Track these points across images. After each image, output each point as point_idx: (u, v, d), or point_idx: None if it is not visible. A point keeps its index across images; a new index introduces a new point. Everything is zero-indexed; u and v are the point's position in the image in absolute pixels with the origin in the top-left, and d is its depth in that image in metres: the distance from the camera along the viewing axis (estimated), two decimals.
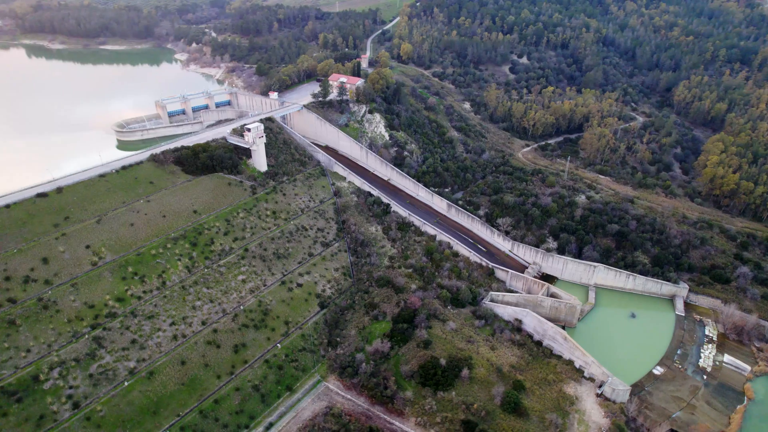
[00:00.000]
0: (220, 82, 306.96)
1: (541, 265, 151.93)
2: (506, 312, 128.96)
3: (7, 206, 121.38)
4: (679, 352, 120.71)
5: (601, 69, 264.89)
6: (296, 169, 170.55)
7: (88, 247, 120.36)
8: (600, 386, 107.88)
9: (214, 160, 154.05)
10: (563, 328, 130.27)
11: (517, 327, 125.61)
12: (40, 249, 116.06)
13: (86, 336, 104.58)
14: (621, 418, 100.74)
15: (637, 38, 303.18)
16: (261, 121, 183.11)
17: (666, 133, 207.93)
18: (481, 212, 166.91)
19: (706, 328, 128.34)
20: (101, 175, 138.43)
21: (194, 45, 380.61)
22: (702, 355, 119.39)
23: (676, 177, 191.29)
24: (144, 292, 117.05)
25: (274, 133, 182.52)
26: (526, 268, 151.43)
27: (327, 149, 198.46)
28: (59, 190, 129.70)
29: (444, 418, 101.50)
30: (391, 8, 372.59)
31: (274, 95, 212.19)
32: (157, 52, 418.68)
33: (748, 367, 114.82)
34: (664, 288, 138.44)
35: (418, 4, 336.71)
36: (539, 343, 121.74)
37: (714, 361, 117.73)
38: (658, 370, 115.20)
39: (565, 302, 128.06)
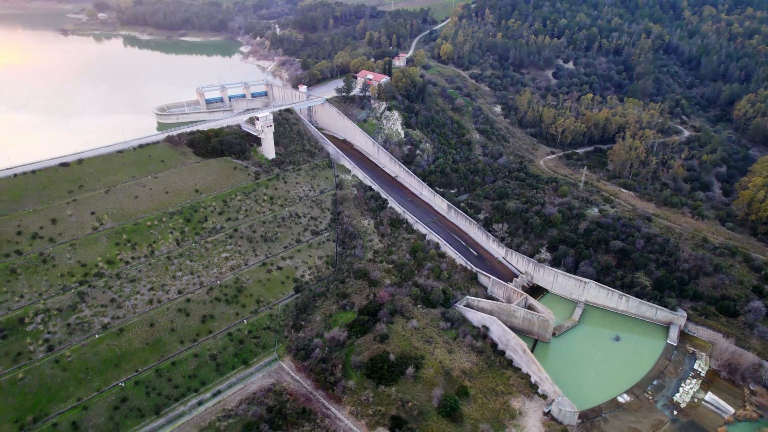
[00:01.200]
0: (271, 74, 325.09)
1: (532, 276, 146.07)
2: (475, 317, 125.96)
3: (33, 172, 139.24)
4: (655, 382, 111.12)
5: (653, 78, 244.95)
6: (304, 159, 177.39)
7: (93, 213, 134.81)
8: (549, 405, 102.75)
9: (223, 145, 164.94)
10: (536, 341, 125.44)
11: (483, 334, 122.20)
12: (52, 211, 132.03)
13: (72, 290, 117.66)
14: None
15: (705, 46, 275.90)
16: (281, 112, 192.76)
17: (710, 149, 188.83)
18: (481, 216, 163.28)
19: (697, 361, 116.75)
20: (119, 151, 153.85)
21: (258, 39, 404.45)
22: (681, 389, 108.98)
23: (713, 198, 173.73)
24: (132, 258, 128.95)
25: (290, 123, 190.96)
26: (516, 276, 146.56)
27: (344, 143, 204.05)
28: (80, 161, 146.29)
29: (377, 411, 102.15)
30: (447, 8, 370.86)
31: (303, 88, 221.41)
32: (227, 44, 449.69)
33: (732, 410, 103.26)
34: (660, 314, 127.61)
35: (473, 5, 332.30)
36: (502, 353, 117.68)
37: (693, 397, 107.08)
38: (624, 398, 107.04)
39: (538, 315, 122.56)
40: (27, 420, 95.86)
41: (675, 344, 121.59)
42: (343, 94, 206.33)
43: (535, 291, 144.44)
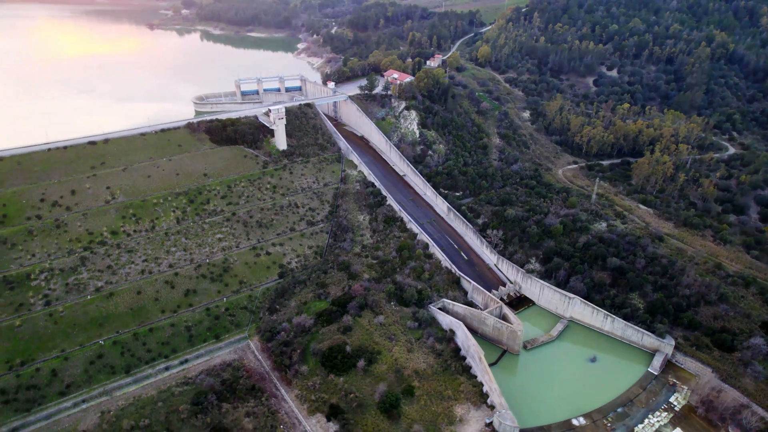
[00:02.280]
0: (317, 70, 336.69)
1: (520, 286, 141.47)
2: (444, 320, 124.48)
3: (65, 147, 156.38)
4: (620, 410, 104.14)
5: (704, 89, 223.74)
6: (314, 153, 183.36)
7: (108, 188, 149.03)
8: (492, 416, 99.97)
9: (237, 134, 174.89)
10: (504, 352, 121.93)
11: (449, 338, 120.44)
12: (73, 183, 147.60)
13: (77, 254, 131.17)
14: None
15: None
16: (300, 106, 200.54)
17: (753, 169, 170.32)
18: (480, 221, 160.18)
19: (675, 394, 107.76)
20: (142, 134, 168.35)
21: (314, 36, 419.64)
22: (646, 420, 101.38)
23: (746, 222, 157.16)
24: (135, 231, 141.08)
25: (308, 118, 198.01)
26: (504, 285, 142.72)
27: (362, 139, 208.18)
28: (106, 141, 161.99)
29: (319, 397, 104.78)
30: (498, 11, 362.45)
31: (331, 85, 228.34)
32: (288, 41, 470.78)
33: None
34: (646, 339, 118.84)
35: (524, 9, 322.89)
36: (462, 359, 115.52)
37: (657, 431, 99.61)
38: (579, 422, 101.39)
39: (507, 326, 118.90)
40: (16, 362, 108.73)
41: (656, 373, 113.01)
42: (366, 91, 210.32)
43: (522, 302, 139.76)
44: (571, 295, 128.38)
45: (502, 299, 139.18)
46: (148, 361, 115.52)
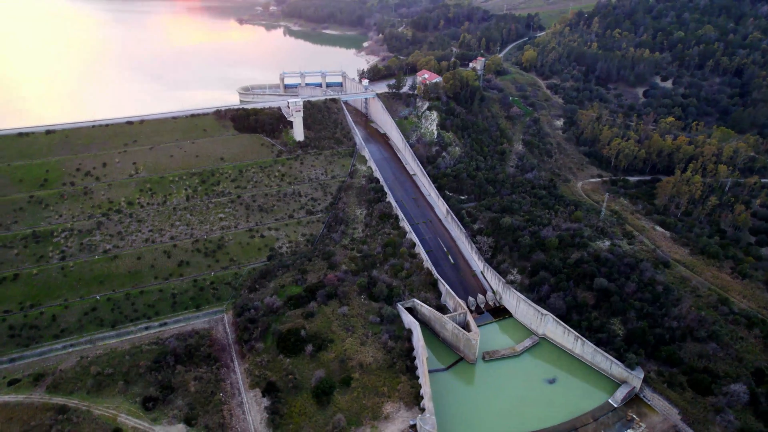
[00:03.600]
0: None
1: (501, 296, 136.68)
2: (406, 319, 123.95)
3: (106, 125, 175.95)
4: None
5: None
6: (329, 146, 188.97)
7: (134, 163, 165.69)
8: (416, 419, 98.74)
9: (258, 123, 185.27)
10: (460, 359, 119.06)
11: (407, 337, 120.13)
12: (106, 157, 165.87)
13: (95, 219, 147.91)
14: None
15: None
16: (325, 101, 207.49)
17: None
18: (476, 226, 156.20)
19: (630, 431, 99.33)
20: (174, 118, 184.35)
21: (379, 35, 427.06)
22: None
23: None
24: (147, 203, 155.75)
25: (331, 112, 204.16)
26: (485, 293, 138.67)
27: (384, 136, 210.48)
28: (141, 122, 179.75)
29: (263, 374, 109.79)
30: (561, 15, 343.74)
31: (365, 82, 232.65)
32: (357, 39, 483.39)
33: None
34: (615, 368, 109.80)
35: (586, 14, 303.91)
36: (414, 359, 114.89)
37: None
38: None
39: (464, 333, 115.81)
40: (26, 304, 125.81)
41: (616, 405, 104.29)
42: (393, 90, 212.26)
43: (501, 312, 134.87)
44: (545, 312, 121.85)
45: (478, 307, 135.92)
46: (133, 320, 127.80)
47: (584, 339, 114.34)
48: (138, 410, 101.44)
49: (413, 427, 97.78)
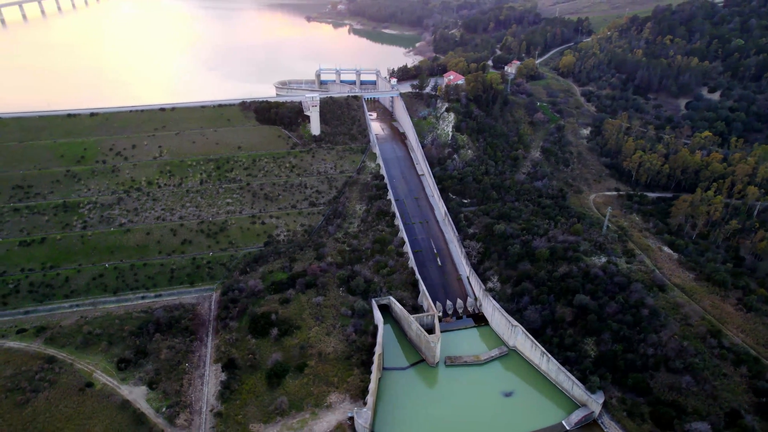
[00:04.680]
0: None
1: (481, 303, 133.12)
2: (376, 315, 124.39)
3: (142, 111, 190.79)
4: None
5: None
6: (343, 141, 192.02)
7: (160, 146, 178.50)
8: (354, 412, 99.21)
9: (278, 116, 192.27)
10: (422, 360, 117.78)
11: (373, 332, 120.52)
12: (136, 139, 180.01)
13: (116, 195, 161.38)
14: None
15: None
16: (347, 98, 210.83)
17: None
18: (470, 231, 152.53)
19: None
20: (202, 107, 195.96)
21: (432, 36, 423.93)
22: None
23: None
24: (165, 184, 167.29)
25: (351, 109, 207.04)
26: (466, 299, 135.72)
27: (402, 135, 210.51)
28: (173, 109, 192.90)
29: (228, 350, 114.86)
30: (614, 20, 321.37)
31: (393, 81, 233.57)
32: (412, 39, 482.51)
33: None
34: (575, 389, 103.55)
35: (641, 18, 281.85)
36: (373, 354, 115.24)
37: None
38: None
39: (425, 335, 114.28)
40: (47, 265, 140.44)
41: (569, 428, 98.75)
42: (416, 90, 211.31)
43: (481, 319, 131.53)
44: (515, 323, 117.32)
45: (456, 312, 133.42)
46: (133, 289, 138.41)
47: (549, 355, 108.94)
48: (112, 369, 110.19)
49: (351, 419, 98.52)
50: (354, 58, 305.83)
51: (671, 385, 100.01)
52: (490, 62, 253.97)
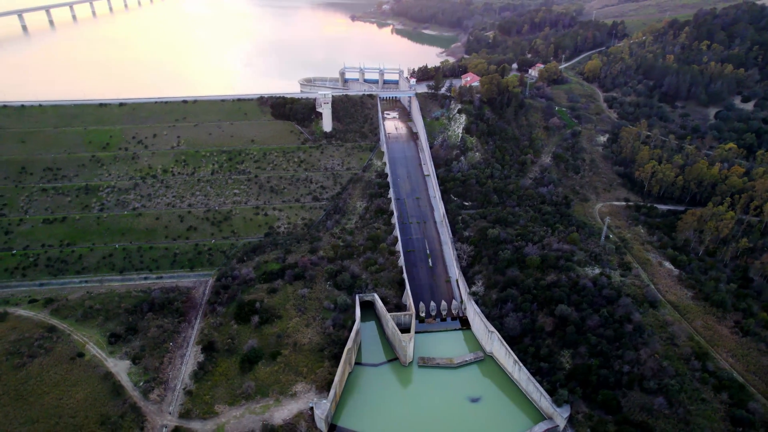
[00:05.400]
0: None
1: (465, 307, 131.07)
2: (357, 311, 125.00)
3: (166, 102, 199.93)
4: None
5: None
6: (353, 139, 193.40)
7: (178, 137, 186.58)
8: (314, 403, 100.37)
9: (292, 112, 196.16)
10: (394, 359, 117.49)
11: (351, 327, 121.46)
12: (157, 129, 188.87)
13: (133, 180, 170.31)
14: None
15: None
16: (362, 96, 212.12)
17: None
18: (466, 234, 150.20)
19: None
20: (222, 100, 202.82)
21: (466, 38, 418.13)
22: None
23: None
24: (179, 173, 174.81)
25: (365, 107, 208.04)
26: (451, 302, 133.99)
27: (414, 134, 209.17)
28: (195, 101, 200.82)
29: (210, 333, 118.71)
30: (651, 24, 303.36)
31: (412, 81, 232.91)
32: (449, 40, 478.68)
33: None
34: (543, 401, 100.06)
35: (681, 22, 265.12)
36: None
37: None
38: None
39: (398, 334, 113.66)
40: (65, 243, 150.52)
41: None
42: (432, 90, 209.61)
43: (465, 323, 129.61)
44: (492, 329, 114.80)
45: (440, 313, 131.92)
46: (137, 269, 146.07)
47: (521, 364, 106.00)
48: (104, 342, 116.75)
49: (311, 409, 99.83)
50: (388, 58, 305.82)
51: (643, 406, 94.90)
52: (514, 65, 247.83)
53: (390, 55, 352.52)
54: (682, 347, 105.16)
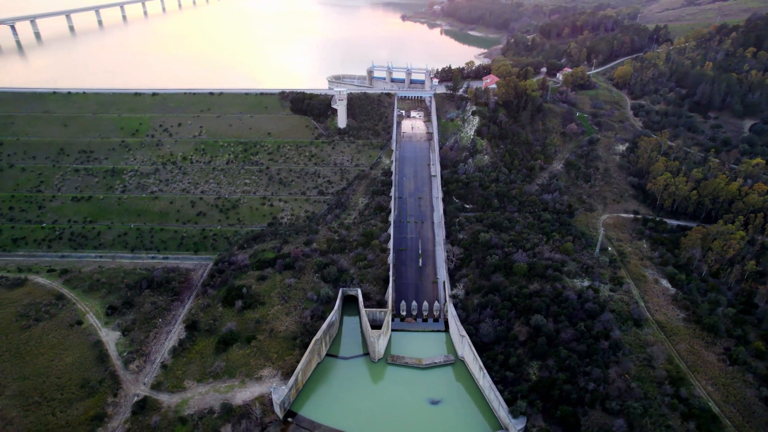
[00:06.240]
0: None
1: (447, 309, 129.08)
2: (337, 304, 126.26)
3: (194, 93, 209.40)
4: None
5: None
6: (365, 136, 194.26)
7: (201, 127, 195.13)
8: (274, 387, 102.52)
9: (310, 107, 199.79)
10: (366, 354, 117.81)
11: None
12: (182, 118, 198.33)
13: (154, 166, 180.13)
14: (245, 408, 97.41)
15: None
16: (380, 95, 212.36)
17: None
18: (460, 236, 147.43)
19: None
20: (246, 94, 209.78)
21: (506, 40, 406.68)
22: None
23: None
24: (197, 161, 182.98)
25: (382, 105, 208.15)
26: (434, 302, 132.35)
27: (429, 134, 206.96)
28: (221, 94, 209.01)
29: (197, 313, 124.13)
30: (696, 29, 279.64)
31: (434, 81, 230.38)
32: (493, 41, 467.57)
33: None
34: (501, 411, 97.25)
35: (730, 27, 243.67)
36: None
37: None
38: None
39: (369, 330, 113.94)
40: (87, 220, 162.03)
41: None
42: (450, 91, 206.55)
43: (448, 325, 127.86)
44: (463, 333, 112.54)
45: (421, 314, 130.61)
46: (146, 249, 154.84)
47: (485, 371, 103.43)
48: (102, 313, 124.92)
49: (269, 394, 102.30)
50: (430, 59, 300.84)
51: (602, 426, 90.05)
52: (543, 68, 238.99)
53: (433, 55, 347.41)
54: (658, 370, 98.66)
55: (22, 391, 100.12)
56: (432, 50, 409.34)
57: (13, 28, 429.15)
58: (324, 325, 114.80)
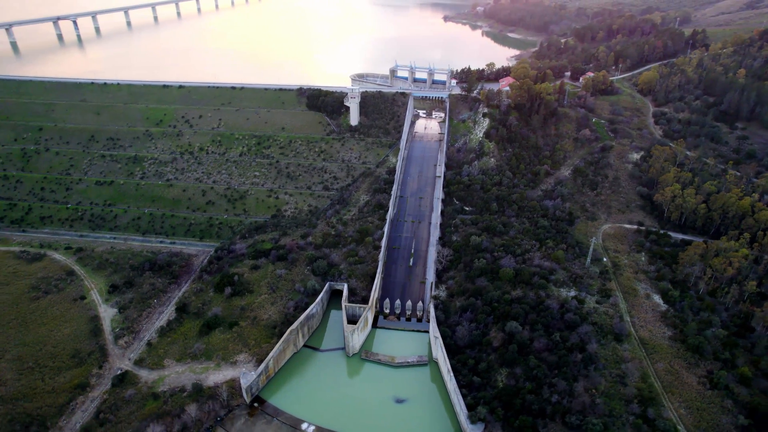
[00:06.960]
0: None
1: (430, 311, 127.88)
2: (322, 297, 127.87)
3: (217, 87, 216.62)
4: None
5: None
6: (375, 135, 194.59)
7: (220, 119, 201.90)
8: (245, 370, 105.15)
9: (324, 104, 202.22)
10: (342, 348, 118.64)
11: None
12: (203, 111, 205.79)
13: (173, 155, 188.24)
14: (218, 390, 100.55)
15: None
16: (395, 94, 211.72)
17: None
18: (454, 238, 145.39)
19: None
20: (266, 89, 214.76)
21: (542, 43, 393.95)
22: None
23: None
24: (212, 152, 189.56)
25: (396, 105, 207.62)
26: (418, 302, 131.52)
27: (441, 135, 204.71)
28: (242, 88, 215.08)
29: (189, 297, 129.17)
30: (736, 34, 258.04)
31: (453, 82, 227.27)
32: (531, 44, 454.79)
33: None
34: (462, 416, 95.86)
35: None
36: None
37: None
38: (307, 428, 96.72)
39: (345, 324, 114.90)
40: (107, 203, 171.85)
41: None
42: (465, 92, 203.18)
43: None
44: (437, 335, 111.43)
45: (404, 312, 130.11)
46: (156, 233, 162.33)
47: (452, 374, 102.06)
48: (104, 290, 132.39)
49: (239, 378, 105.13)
50: (464, 59, 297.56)
51: None
52: (567, 72, 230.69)
53: (467, 56, 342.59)
54: (629, 387, 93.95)
55: (21, 356, 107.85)
56: (466, 51, 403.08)
57: (75, 23, 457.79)
58: (302, 317, 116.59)
